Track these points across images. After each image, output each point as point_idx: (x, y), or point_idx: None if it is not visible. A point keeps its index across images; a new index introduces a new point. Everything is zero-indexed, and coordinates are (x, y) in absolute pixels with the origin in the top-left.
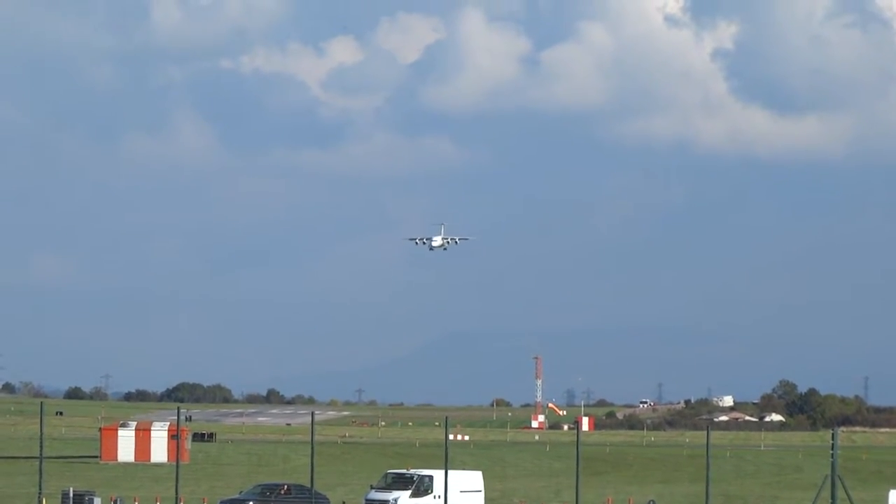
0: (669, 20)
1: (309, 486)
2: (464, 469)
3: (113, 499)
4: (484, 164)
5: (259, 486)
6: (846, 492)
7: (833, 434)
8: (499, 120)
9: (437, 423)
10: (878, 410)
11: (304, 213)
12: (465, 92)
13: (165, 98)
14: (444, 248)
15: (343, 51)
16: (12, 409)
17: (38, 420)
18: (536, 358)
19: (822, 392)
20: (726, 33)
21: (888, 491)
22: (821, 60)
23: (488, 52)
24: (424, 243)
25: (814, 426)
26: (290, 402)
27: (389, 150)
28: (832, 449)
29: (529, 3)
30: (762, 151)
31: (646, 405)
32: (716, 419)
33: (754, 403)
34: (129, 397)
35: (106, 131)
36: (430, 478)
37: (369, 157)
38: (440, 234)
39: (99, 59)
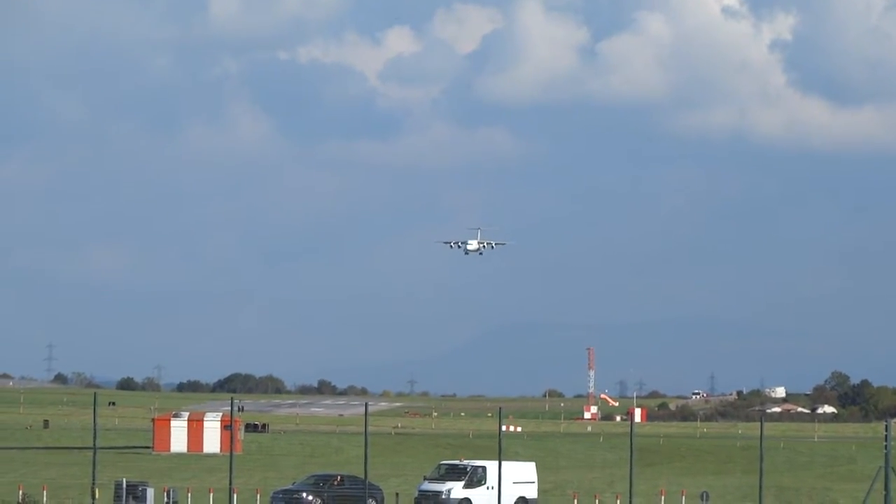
0: (727, 11)
1: (362, 476)
2: (517, 460)
3: (166, 489)
4: (541, 155)
5: (313, 476)
6: None
7: (886, 426)
8: (556, 111)
9: (489, 415)
10: None
11: (360, 204)
12: (522, 82)
13: (223, 90)
14: (480, 253)
15: (400, 41)
16: (65, 400)
17: (92, 411)
18: (589, 349)
19: (875, 383)
20: (784, 24)
21: None
22: (880, 51)
23: (546, 42)
24: (459, 247)
25: (866, 418)
26: (342, 394)
27: (446, 141)
28: (885, 441)
29: None
30: (820, 143)
31: (698, 396)
32: (768, 410)
33: (806, 395)
34: (181, 388)
35: (164, 123)
36: (484, 469)
37: (426, 148)
38: (476, 239)
39: (157, 52)
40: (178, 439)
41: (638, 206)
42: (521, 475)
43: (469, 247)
